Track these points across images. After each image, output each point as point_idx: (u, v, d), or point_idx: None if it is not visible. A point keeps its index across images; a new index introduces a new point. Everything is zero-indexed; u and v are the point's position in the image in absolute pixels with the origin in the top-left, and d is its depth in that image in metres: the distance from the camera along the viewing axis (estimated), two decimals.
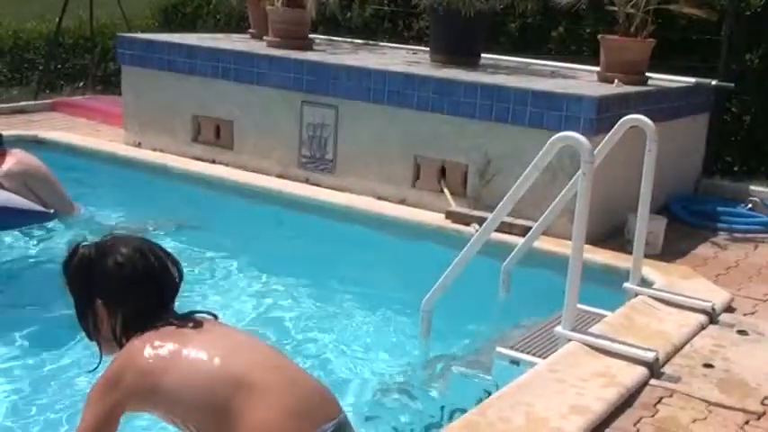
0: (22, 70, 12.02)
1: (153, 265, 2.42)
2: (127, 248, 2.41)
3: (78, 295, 2.44)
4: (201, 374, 2.20)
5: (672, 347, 4.29)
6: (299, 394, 2.24)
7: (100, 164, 7.82)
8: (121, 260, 2.38)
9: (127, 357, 2.28)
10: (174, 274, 2.48)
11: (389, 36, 9.70)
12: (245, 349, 2.35)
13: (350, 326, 4.99)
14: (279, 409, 2.17)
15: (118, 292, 2.38)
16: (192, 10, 12.09)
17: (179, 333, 2.31)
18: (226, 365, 2.23)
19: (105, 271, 2.38)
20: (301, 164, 7.22)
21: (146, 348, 2.26)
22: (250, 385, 2.19)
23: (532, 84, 6.45)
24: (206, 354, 2.25)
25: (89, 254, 2.41)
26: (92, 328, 2.44)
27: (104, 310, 2.40)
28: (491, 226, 4.61)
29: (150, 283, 2.40)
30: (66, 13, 11.19)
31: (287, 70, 7.24)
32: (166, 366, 2.22)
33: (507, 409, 3.53)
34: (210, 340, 2.31)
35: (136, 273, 2.38)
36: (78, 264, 2.42)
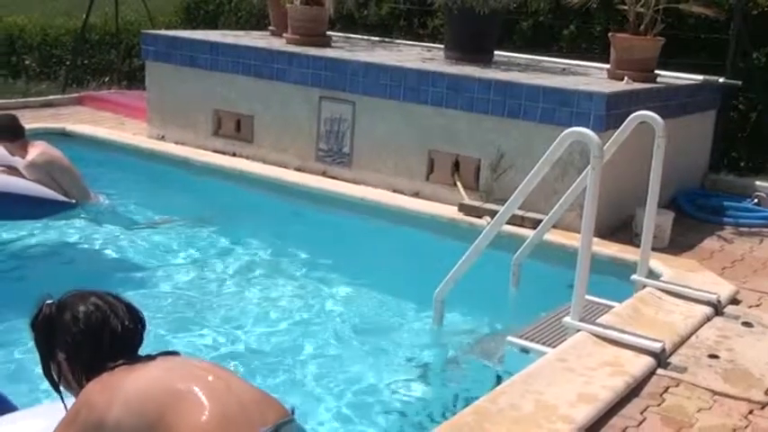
0: (50, 65, 12.07)
1: (108, 319, 2.46)
2: (84, 305, 2.46)
3: (42, 350, 2.51)
4: (139, 398, 2.25)
5: (678, 338, 4.28)
6: (235, 400, 2.27)
7: (124, 156, 7.84)
8: (78, 316, 2.44)
9: (81, 397, 2.36)
10: (135, 326, 2.52)
11: (405, 33, 9.68)
12: (181, 365, 2.41)
13: (364, 314, 4.98)
14: (213, 413, 2.20)
15: (76, 346, 2.44)
16: (214, 7, 12.09)
17: (127, 369, 2.36)
18: (159, 382, 2.29)
19: (63, 327, 2.44)
20: (319, 157, 7.22)
21: (96, 387, 2.33)
22: (181, 395, 2.23)
23: (544, 81, 6.43)
24: (142, 378, 2.31)
25: (49, 312, 2.48)
26: (56, 379, 2.50)
27: (65, 364, 2.46)
28: (503, 218, 4.60)
29: (107, 336, 2.44)
30: (93, 10, 11.23)
31: (305, 67, 7.23)
32: (110, 400, 2.27)
33: (517, 396, 3.53)
34: (151, 367, 2.38)
35: (91, 328, 2.43)
36: (41, 321, 2.49)
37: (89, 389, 2.34)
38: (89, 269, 5.47)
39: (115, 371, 2.36)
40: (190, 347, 4.32)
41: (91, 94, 10.28)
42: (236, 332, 4.63)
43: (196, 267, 5.55)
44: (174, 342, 4.38)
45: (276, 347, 4.48)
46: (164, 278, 5.32)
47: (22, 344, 4.16)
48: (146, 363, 2.40)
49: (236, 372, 2.50)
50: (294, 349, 4.45)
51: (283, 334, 4.65)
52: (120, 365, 2.38)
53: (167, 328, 4.52)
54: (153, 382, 2.29)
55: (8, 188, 5.64)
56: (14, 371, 4.08)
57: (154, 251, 5.79)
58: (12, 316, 4.54)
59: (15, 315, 4.56)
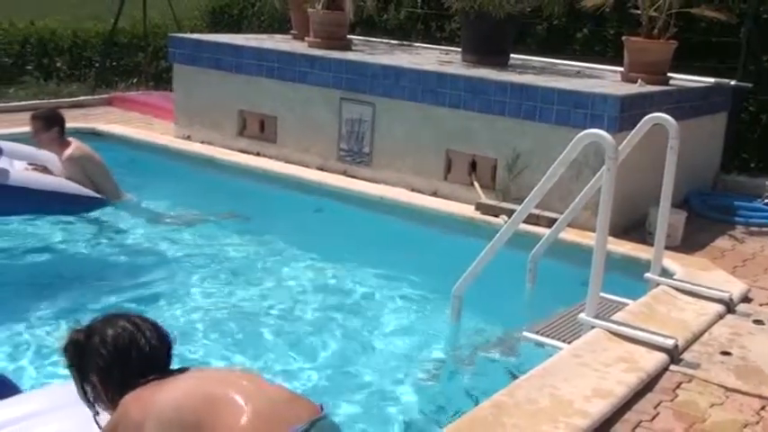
0: (80, 67, 12.11)
1: (136, 340, 2.48)
2: (113, 329, 2.49)
3: (75, 373, 2.53)
4: (173, 406, 2.27)
5: (691, 335, 4.25)
6: (268, 400, 2.28)
7: (152, 155, 7.87)
8: (107, 339, 2.47)
9: (117, 413, 2.38)
10: (162, 345, 2.54)
11: (423, 37, 9.65)
12: (212, 373, 2.48)
13: (383, 310, 4.98)
14: (248, 414, 2.20)
15: (106, 368, 2.46)
16: (238, 12, 12.12)
17: (160, 383, 2.39)
18: (193, 389, 2.31)
19: (93, 351, 2.47)
20: (340, 157, 7.22)
21: (130, 400, 2.35)
22: (217, 401, 2.24)
23: (559, 83, 6.40)
24: (176, 388, 2.33)
25: (78, 338, 2.51)
26: (92, 400, 2.52)
27: (99, 385, 2.49)
28: (520, 217, 4.58)
29: (135, 357, 2.46)
30: (121, 14, 11.28)
31: (327, 69, 7.23)
32: (145, 411, 2.29)
33: (534, 391, 3.52)
34: (184, 377, 2.40)
35: (120, 350, 2.46)
36: (71, 347, 2.52)
37: (124, 404, 2.37)
38: (118, 265, 5.49)
39: (149, 384, 2.39)
40: (214, 341, 4.34)
41: (120, 95, 10.33)
42: (256, 325, 4.64)
43: (220, 263, 5.56)
44: (199, 334, 4.41)
45: (295, 341, 4.48)
46: (189, 273, 5.33)
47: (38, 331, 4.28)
48: (178, 375, 2.43)
49: (262, 374, 2.49)
50: (312, 343, 4.45)
51: (302, 328, 4.65)
52: (153, 380, 2.40)
53: (193, 320, 4.54)
54: (187, 390, 2.31)
55: (40, 185, 5.68)
56: (28, 358, 4.13)
57: (180, 247, 5.80)
58: (41, 306, 4.64)
59: (44, 306, 4.66)
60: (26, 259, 5.48)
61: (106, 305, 4.66)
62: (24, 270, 5.36)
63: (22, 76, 11.54)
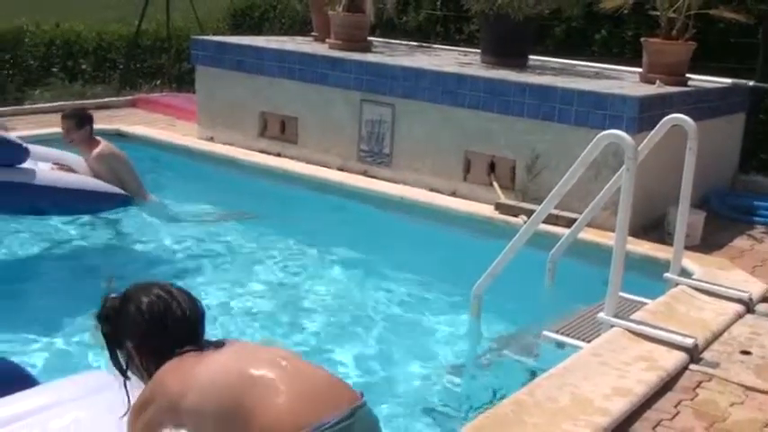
0: (105, 69, 12.19)
1: (172, 309, 2.47)
2: (147, 296, 2.47)
3: (109, 341, 2.53)
4: (214, 383, 2.25)
5: (710, 334, 4.22)
6: (308, 385, 2.24)
7: (175, 156, 7.91)
8: (143, 307, 2.45)
9: (153, 382, 2.37)
10: (196, 313, 2.53)
11: (442, 38, 9.64)
12: (252, 352, 2.41)
13: (404, 309, 4.98)
14: (289, 399, 2.16)
15: (142, 336, 2.45)
16: (260, 14, 12.15)
17: (197, 355, 2.37)
18: (235, 368, 2.27)
19: (128, 319, 2.46)
20: (360, 158, 7.23)
21: (168, 372, 2.34)
22: (259, 381, 2.21)
23: (578, 84, 6.37)
24: (217, 364, 2.31)
25: (114, 304, 2.51)
26: (125, 367, 2.53)
27: (134, 352, 2.48)
28: (539, 217, 4.57)
29: (171, 326, 2.45)
30: (145, 16, 11.34)
31: (347, 71, 7.24)
32: (184, 385, 2.28)
33: (554, 389, 3.51)
34: (223, 353, 2.38)
35: (155, 317, 2.45)
36: (106, 314, 2.51)
37: (161, 375, 2.35)
38: (141, 264, 5.53)
39: (185, 356, 2.37)
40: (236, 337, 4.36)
41: (143, 97, 10.38)
42: (277, 324, 4.65)
43: (242, 262, 5.59)
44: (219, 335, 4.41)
45: (314, 340, 4.50)
46: (212, 272, 5.36)
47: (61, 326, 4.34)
48: (215, 349, 2.40)
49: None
50: (331, 342, 4.46)
51: (322, 328, 4.66)
52: (190, 351, 2.39)
53: (214, 317, 4.55)
54: (227, 368, 2.28)
55: (67, 183, 5.71)
56: (49, 352, 4.19)
57: (203, 246, 5.83)
58: (63, 303, 4.70)
59: (66, 303, 4.71)
60: (51, 258, 5.55)
61: None
62: (49, 268, 5.43)
63: (48, 78, 11.64)
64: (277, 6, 11.86)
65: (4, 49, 12.08)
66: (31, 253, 5.57)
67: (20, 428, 2.37)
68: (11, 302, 4.75)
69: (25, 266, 5.41)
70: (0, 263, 5.39)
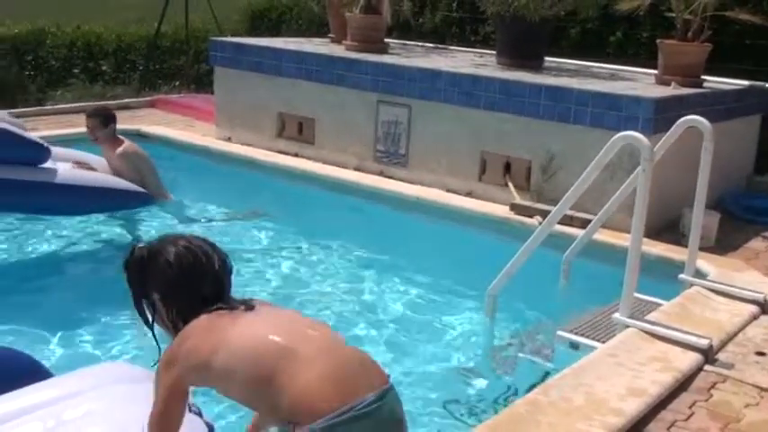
0: (125, 70, 12.25)
1: (201, 261, 2.43)
2: (176, 247, 2.43)
3: (136, 292, 2.48)
4: (247, 350, 2.21)
5: (725, 335, 4.20)
6: (341, 362, 2.21)
7: (194, 156, 7.94)
8: (171, 259, 2.40)
9: (182, 338, 2.31)
10: (224, 267, 2.48)
11: (458, 40, 9.64)
12: (289, 321, 2.35)
13: (419, 308, 4.98)
14: (322, 376, 2.14)
15: (170, 288, 2.41)
16: (277, 16, 12.18)
17: (229, 315, 2.33)
18: (270, 337, 2.23)
19: (157, 270, 2.41)
20: (376, 158, 7.23)
21: (198, 330, 2.30)
22: (293, 354, 2.17)
23: (593, 85, 6.36)
24: (252, 330, 2.26)
25: (143, 255, 2.45)
26: (150, 320, 2.48)
27: (161, 304, 2.43)
28: (555, 218, 4.56)
29: (199, 278, 2.41)
30: (164, 18, 11.39)
31: (364, 72, 7.25)
32: (216, 345, 2.24)
33: (568, 389, 3.50)
34: (257, 318, 2.32)
35: (184, 271, 2.40)
36: (134, 264, 2.46)
37: (192, 332, 2.31)
38: None
39: (217, 315, 2.32)
40: None
41: (163, 98, 10.43)
42: None
43: (259, 260, 5.60)
44: None
45: None
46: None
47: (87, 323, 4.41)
48: (246, 311, 2.35)
49: None
50: (347, 340, 4.46)
51: (337, 325, 4.66)
52: (220, 310, 2.34)
53: None
54: (260, 336, 2.24)
55: (87, 182, 5.73)
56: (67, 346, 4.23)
57: (221, 245, 5.84)
58: (84, 299, 4.76)
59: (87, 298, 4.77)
60: (71, 255, 5.60)
61: None
62: (69, 265, 5.49)
63: (69, 79, 11.71)
64: (294, 8, 11.89)
65: (26, 51, 12.17)
66: (51, 250, 5.62)
67: (34, 420, 2.36)
68: (31, 297, 4.81)
69: (46, 263, 5.46)
70: (22, 260, 5.43)
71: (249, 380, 2.19)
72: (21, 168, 5.34)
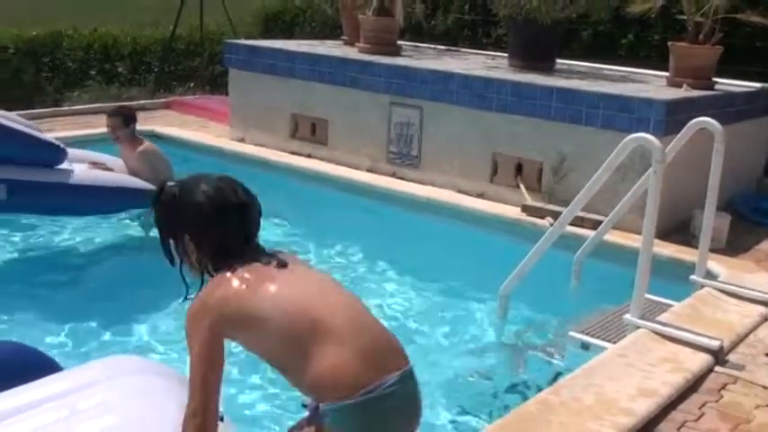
0: (140, 72, 12.30)
1: (233, 200, 2.34)
2: (208, 186, 2.34)
3: (166, 230, 2.40)
4: (281, 312, 2.17)
5: (736, 337, 4.18)
6: (371, 342, 2.19)
7: (208, 156, 7.96)
8: (203, 197, 2.31)
9: (215, 286, 2.25)
10: (255, 210, 2.39)
11: (469, 42, 9.64)
12: (325, 292, 2.29)
13: (432, 308, 4.98)
14: (350, 354, 2.13)
15: (201, 226, 2.32)
16: (291, 18, 12.21)
17: (265, 269, 2.27)
18: (306, 307, 2.19)
19: (189, 208, 2.33)
20: (389, 159, 7.24)
21: (234, 279, 2.23)
22: (326, 329, 2.15)
23: (604, 87, 6.34)
24: (287, 291, 2.22)
25: (174, 192, 2.37)
26: (179, 260, 2.40)
27: (191, 244, 2.34)
28: (566, 219, 4.56)
29: (231, 217, 2.32)
30: (179, 21, 11.43)
31: (377, 74, 7.26)
32: (252, 298, 2.19)
33: (579, 389, 3.50)
34: (294, 281, 2.27)
35: (217, 208, 2.31)
36: (165, 202, 2.38)
37: (224, 280, 2.24)
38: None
39: (250, 266, 2.26)
40: None
41: (177, 99, 10.46)
42: None
43: None
44: None
45: None
46: None
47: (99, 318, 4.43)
48: (281, 270, 2.28)
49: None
50: None
51: None
52: (253, 262, 2.29)
53: None
54: (295, 301, 2.19)
55: (104, 182, 5.76)
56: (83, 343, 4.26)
57: None
58: (98, 295, 4.83)
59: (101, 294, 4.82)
60: (81, 253, 5.63)
61: (160, 300, 4.77)
62: (84, 262, 5.51)
63: (86, 81, 11.76)
64: (308, 11, 11.91)
65: (43, 53, 12.23)
66: (63, 246, 5.67)
67: (47, 411, 2.35)
68: (44, 293, 4.86)
69: (58, 260, 5.50)
70: (34, 257, 5.47)
71: (280, 342, 2.16)
72: (38, 170, 5.38)
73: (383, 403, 2.12)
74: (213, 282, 2.28)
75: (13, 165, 5.29)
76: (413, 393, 2.24)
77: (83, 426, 2.24)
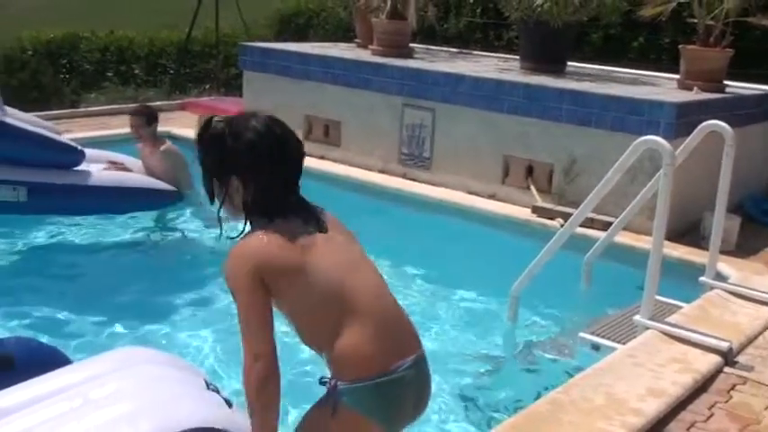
0: (156, 74, 12.37)
1: (282, 139, 2.25)
2: (258, 123, 2.24)
3: (211, 168, 2.28)
4: (318, 279, 2.17)
5: (745, 338, 4.17)
6: (391, 326, 2.23)
7: None
8: (253, 135, 2.21)
9: (256, 238, 2.19)
10: (302, 153, 2.32)
11: (481, 45, 9.65)
12: (357, 268, 2.29)
13: (443, 309, 4.98)
14: (371, 336, 2.17)
15: (251, 163, 2.21)
16: (305, 21, 12.24)
17: (304, 230, 2.23)
18: (338, 279, 2.20)
19: (238, 144, 2.21)
20: (401, 161, 7.25)
21: (272, 235, 2.18)
22: (353, 307, 2.18)
23: (615, 90, 6.33)
24: (324, 261, 2.20)
25: (222, 129, 2.25)
26: (222, 199, 2.29)
27: (237, 183, 2.23)
28: (577, 221, 4.55)
29: (279, 156, 2.24)
30: (195, 23, 11.49)
31: (389, 76, 7.27)
32: (288, 257, 2.16)
33: (589, 389, 3.49)
34: (330, 249, 2.24)
35: (266, 146, 2.22)
36: (212, 138, 2.25)
37: (272, 236, 2.18)
38: (192, 254, 5.68)
39: (291, 223, 2.22)
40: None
41: (193, 101, 10.48)
42: None
43: None
44: None
45: None
46: None
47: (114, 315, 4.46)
48: (321, 238, 2.25)
49: None
50: None
51: None
52: (294, 220, 2.23)
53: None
54: (332, 273, 2.19)
55: (122, 183, 5.80)
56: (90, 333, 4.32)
57: None
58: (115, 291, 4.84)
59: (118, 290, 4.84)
60: (107, 254, 5.65)
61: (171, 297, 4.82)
62: (103, 260, 5.53)
63: (103, 82, 11.84)
64: (321, 14, 11.94)
65: (61, 55, 12.32)
66: (79, 245, 5.69)
67: (61, 401, 2.36)
68: (59, 287, 4.91)
69: (72, 259, 5.51)
70: (50, 256, 5.50)
71: (309, 307, 2.17)
72: (56, 172, 5.41)
73: (396, 386, 2.18)
74: (253, 235, 2.21)
75: (32, 167, 5.33)
76: (424, 378, 2.29)
77: (96, 414, 2.25)
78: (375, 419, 2.18)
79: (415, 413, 2.29)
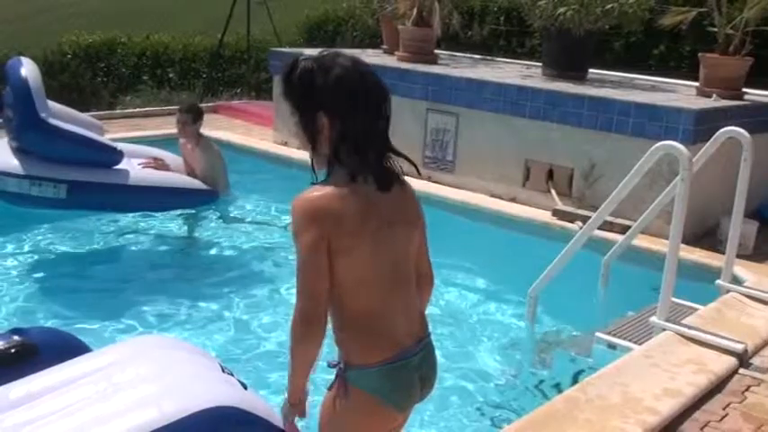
0: (189, 78, 12.47)
1: (372, 78, 2.16)
2: (347, 62, 2.14)
3: (300, 106, 2.17)
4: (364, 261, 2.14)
5: (760, 340, 4.13)
6: (411, 308, 2.27)
7: (252, 158, 8.04)
8: (343, 72, 2.11)
9: (326, 195, 2.12)
10: (385, 93, 2.20)
11: (504, 52, 9.63)
12: (402, 260, 2.27)
13: (463, 308, 4.99)
14: (387, 327, 2.19)
15: (340, 102, 2.12)
16: (333, 27, 12.28)
17: (374, 199, 2.18)
18: (388, 260, 2.20)
19: (328, 82, 2.11)
20: (425, 164, 7.25)
21: (353, 202, 2.13)
22: (383, 303, 2.20)
23: (635, 96, 6.30)
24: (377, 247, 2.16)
25: (311, 66, 2.13)
26: (310, 139, 2.19)
27: (325, 121, 2.13)
28: (595, 224, 4.53)
29: (369, 96, 2.15)
30: (227, 30, 11.57)
31: (415, 82, 7.28)
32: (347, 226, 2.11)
33: (605, 388, 3.48)
34: (387, 235, 2.20)
35: (357, 85, 2.12)
36: (301, 76, 2.14)
37: (345, 197, 2.12)
38: (228, 252, 5.74)
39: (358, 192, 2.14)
40: None
41: (225, 104, 10.56)
42: None
43: None
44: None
45: None
46: (275, 270, 5.45)
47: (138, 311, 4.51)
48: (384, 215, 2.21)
49: None
50: None
51: None
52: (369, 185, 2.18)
53: (279, 313, 4.63)
54: (374, 271, 2.18)
55: (159, 182, 5.85)
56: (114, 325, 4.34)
57: (270, 242, 5.93)
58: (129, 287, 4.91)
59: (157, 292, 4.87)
60: (145, 251, 5.72)
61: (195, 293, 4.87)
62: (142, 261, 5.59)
63: (138, 86, 11.95)
64: (349, 21, 11.98)
65: (99, 59, 12.46)
66: (113, 245, 5.75)
67: (87, 384, 2.39)
68: (85, 285, 4.97)
69: (102, 254, 5.60)
70: (78, 252, 5.57)
71: (344, 283, 2.14)
72: (96, 170, 5.48)
73: (403, 370, 2.20)
74: (326, 189, 2.13)
75: (72, 165, 5.40)
76: (430, 363, 2.32)
77: (121, 395, 2.29)
78: (385, 401, 2.20)
79: (422, 395, 2.32)
